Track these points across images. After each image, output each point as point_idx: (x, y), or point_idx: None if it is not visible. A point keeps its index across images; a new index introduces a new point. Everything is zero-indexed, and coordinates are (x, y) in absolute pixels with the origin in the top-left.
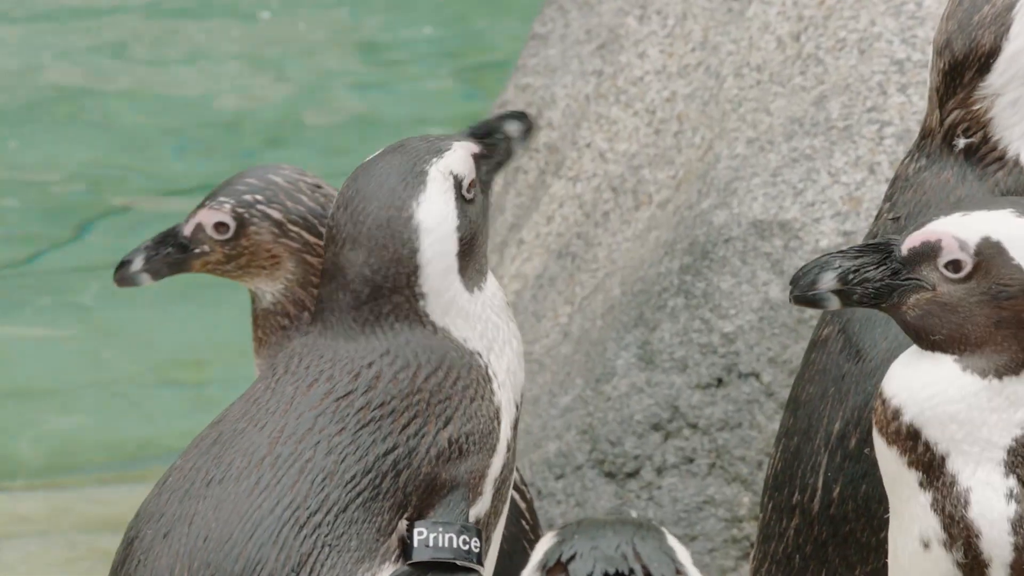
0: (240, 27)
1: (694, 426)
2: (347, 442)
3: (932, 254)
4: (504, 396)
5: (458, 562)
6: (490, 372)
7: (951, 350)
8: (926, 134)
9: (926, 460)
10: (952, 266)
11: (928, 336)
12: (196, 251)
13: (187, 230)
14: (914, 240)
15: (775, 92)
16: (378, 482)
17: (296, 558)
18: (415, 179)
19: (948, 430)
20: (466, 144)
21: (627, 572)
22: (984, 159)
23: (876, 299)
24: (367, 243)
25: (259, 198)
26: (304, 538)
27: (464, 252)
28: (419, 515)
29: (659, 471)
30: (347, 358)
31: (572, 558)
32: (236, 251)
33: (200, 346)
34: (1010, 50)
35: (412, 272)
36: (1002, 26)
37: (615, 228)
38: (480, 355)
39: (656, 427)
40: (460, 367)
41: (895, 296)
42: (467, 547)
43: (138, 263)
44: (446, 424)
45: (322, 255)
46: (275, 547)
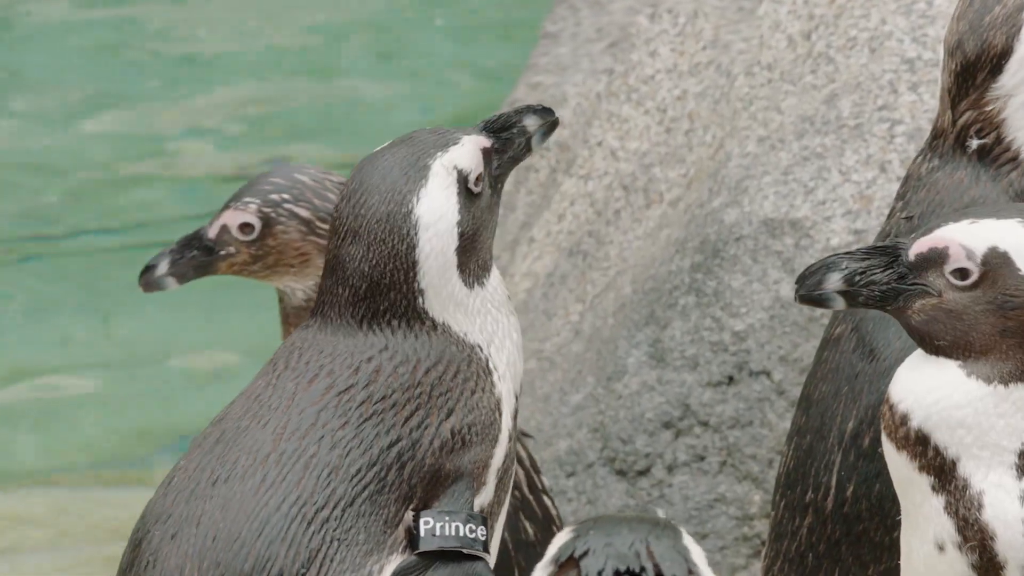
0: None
1: (705, 424)
2: (350, 436)
3: (939, 261)
4: (504, 388)
5: (465, 550)
6: (490, 365)
7: (955, 356)
8: (938, 134)
9: (937, 464)
10: (959, 274)
11: (933, 341)
12: (222, 253)
13: (212, 232)
14: (922, 246)
15: (786, 91)
16: (383, 475)
17: (305, 554)
18: (417, 173)
19: (957, 434)
20: (476, 138)
21: (639, 570)
22: (997, 160)
23: (881, 302)
24: (367, 237)
25: (286, 197)
26: (312, 534)
27: (465, 248)
28: (425, 506)
29: (670, 469)
30: (347, 353)
31: (585, 554)
32: (263, 251)
33: (213, 341)
34: (1022, 51)
35: (410, 268)
36: (1013, 27)
37: (626, 226)
38: (481, 348)
39: (667, 425)
40: (460, 361)
41: (901, 300)
42: (473, 535)
43: (163, 267)
44: (448, 415)
45: None
46: (284, 544)
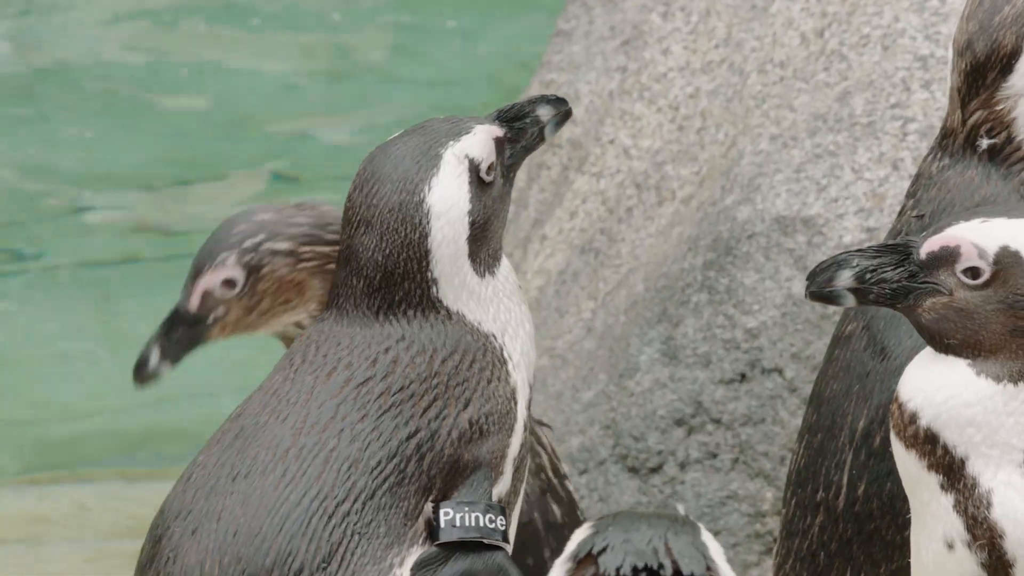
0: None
1: (717, 421)
2: (370, 429)
3: (950, 259)
4: (519, 377)
5: (485, 540)
6: (505, 354)
7: (965, 354)
8: (947, 134)
9: (946, 463)
10: (970, 273)
11: (942, 340)
12: (210, 320)
13: (193, 304)
14: (933, 244)
15: (799, 88)
16: (403, 467)
17: (326, 548)
18: (429, 162)
19: (966, 433)
20: (488, 127)
21: (656, 567)
22: (1008, 159)
23: (892, 300)
24: (379, 227)
25: (260, 237)
26: (333, 527)
27: (476, 237)
28: (444, 497)
29: (682, 466)
30: (364, 344)
31: (604, 550)
32: (255, 298)
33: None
34: None
35: (423, 257)
36: (1023, 27)
37: (638, 224)
38: (495, 337)
39: (679, 422)
40: (475, 350)
41: (911, 298)
42: (493, 525)
43: (155, 358)
44: (466, 406)
45: (335, 253)
46: (305, 538)
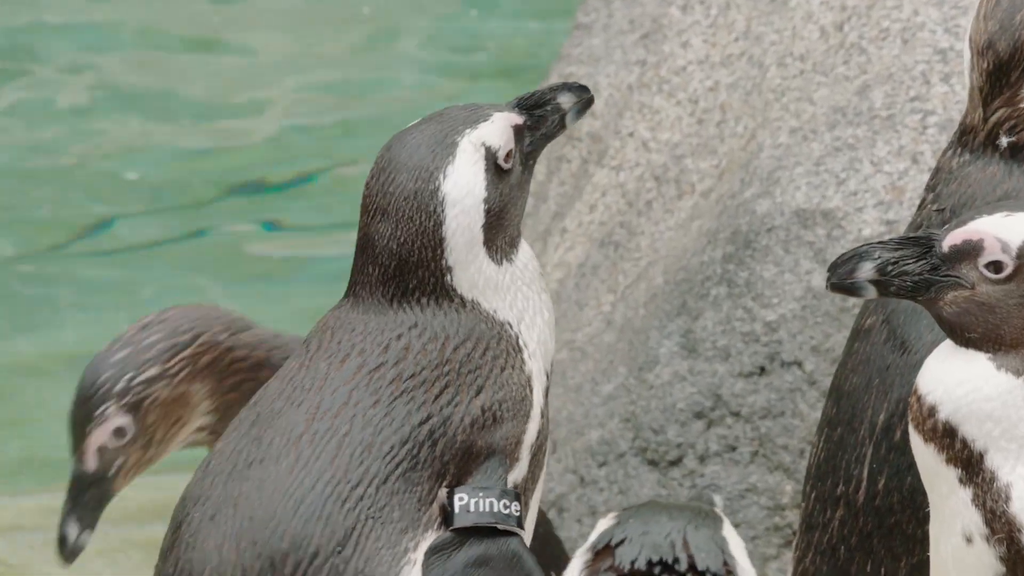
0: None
1: (737, 414)
2: (382, 414)
3: (973, 253)
4: (535, 365)
5: (500, 526)
6: (521, 342)
7: (986, 348)
8: (967, 130)
9: (964, 457)
10: (993, 267)
11: (963, 333)
12: (111, 473)
13: (91, 464)
14: (956, 237)
15: (818, 82)
16: (416, 452)
17: (341, 532)
18: (445, 150)
19: (985, 427)
20: (507, 115)
21: (672, 561)
22: None
23: (913, 292)
24: (395, 215)
25: (128, 376)
26: (347, 512)
27: (492, 224)
28: (458, 483)
29: (702, 459)
30: (377, 331)
31: (621, 542)
32: (148, 433)
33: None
34: None
35: (437, 245)
36: None
37: (658, 217)
38: (511, 325)
39: (699, 415)
40: (489, 338)
41: (933, 291)
42: (508, 511)
43: (73, 531)
44: (478, 393)
45: (204, 353)
46: (319, 522)
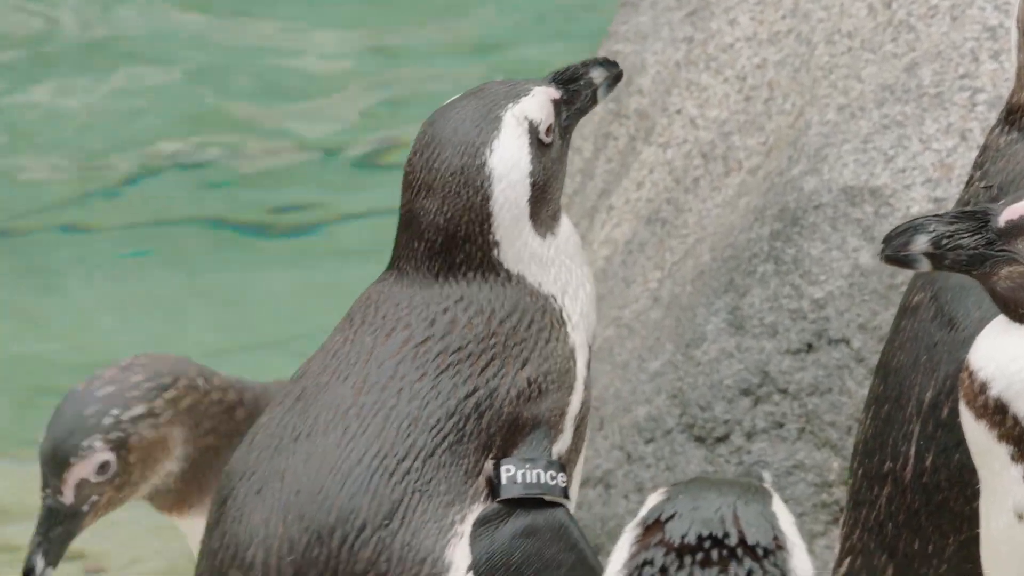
0: None
1: (784, 391)
2: (428, 387)
3: None
4: (578, 337)
5: (546, 497)
6: (564, 315)
7: None
8: (1014, 109)
9: (1016, 433)
10: None
11: (1017, 309)
12: (84, 509)
13: (68, 498)
14: (1013, 212)
15: (866, 59)
16: (462, 425)
17: (388, 505)
18: (489, 125)
19: None
20: (546, 89)
21: (722, 535)
22: None
23: (967, 266)
24: (441, 191)
25: (115, 412)
26: (394, 485)
27: (536, 198)
28: (504, 455)
29: (749, 436)
30: (423, 305)
31: (671, 518)
32: (127, 473)
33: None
34: None
35: (485, 220)
36: None
37: (705, 194)
38: (555, 298)
39: (746, 392)
40: (534, 311)
41: (987, 265)
42: (555, 482)
43: (40, 564)
44: (523, 365)
45: (185, 395)
46: (367, 496)
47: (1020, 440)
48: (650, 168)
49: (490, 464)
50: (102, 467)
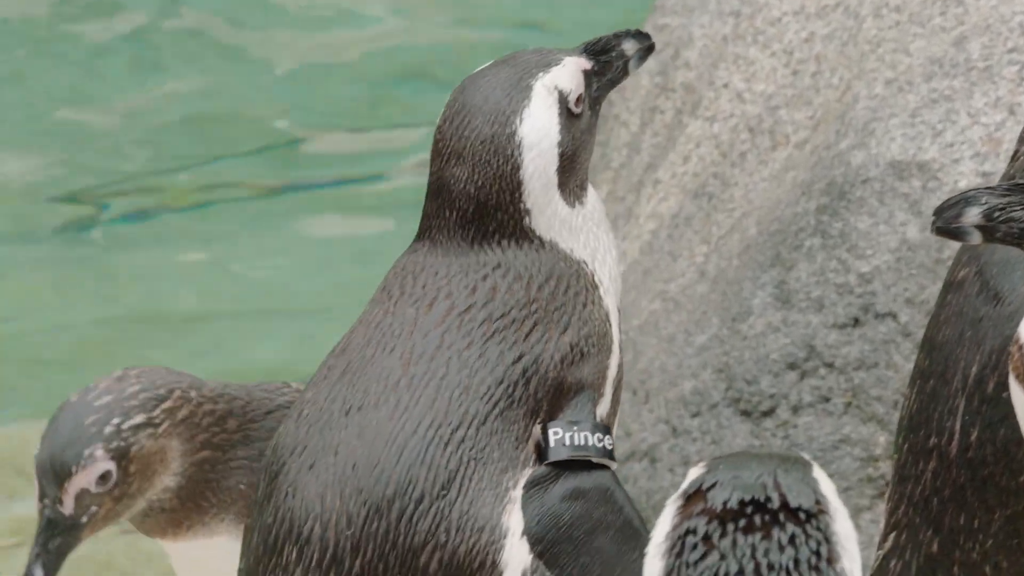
0: None
1: (830, 365)
2: (476, 355)
3: None
4: (610, 301)
5: (594, 459)
6: (596, 279)
7: None
8: None
9: None
10: None
11: None
12: (83, 521)
13: (67, 508)
14: None
15: (914, 33)
16: (511, 391)
17: (445, 475)
18: (520, 93)
19: None
20: (577, 60)
21: (764, 500)
22: None
23: (1019, 239)
24: (471, 159)
25: (117, 420)
26: (450, 455)
27: (565, 168)
28: (550, 419)
29: (795, 410)
30: (462, 273)
31: (712, 486)
32: (127, 484)
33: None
34: None
35: (516, 189)
36: None
37: (752, 168)
38: (586, 264)
39: (792, 366)
40: (569, 276)
41: None
42: (602, 444)
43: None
44: (565, 330)
45: (180, 406)
46: (424, 467)
47: None
48: (697, 142)
49: (538, 428)
50: (103, 477)
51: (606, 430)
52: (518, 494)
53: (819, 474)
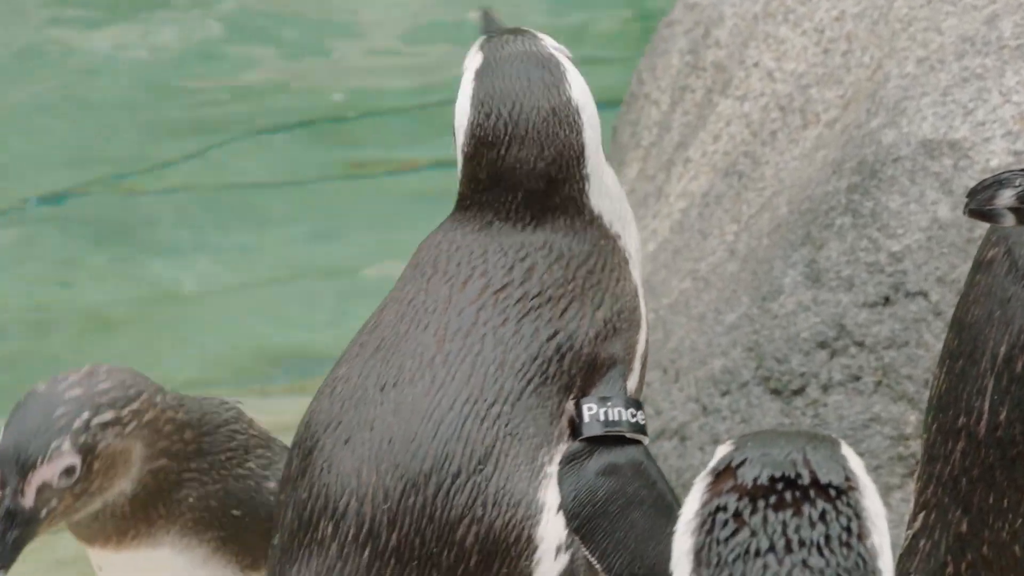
0: None
1: (860, 344)
2: (511, 332)
3: None
4: (636, 274)
5: (628, 434)
6: (626, 254)
7: None
8: None
9: None
10: None
11: None
12: (42, 515)
13: (28, 501)
14: None
15: (946, 11)
16: (545, 367)
17: (481, 451)
18: (552, 64)
19: None
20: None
21: (794, 476)
22: None
23: None
24: (537, 137)
25: (87, 415)
26: (486, 430)
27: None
28: (583, 395)
29: (825, 388)
30: (500, 252)
31: (742, 463)
32: (88, 481)
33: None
34: None
35: (580, 154)
36: None
37: (782, 147)
38: (620, 237)
39: (822, 345)
40: (607, 253)
41: None
42: (635, 419)
43: None
44: (599, 306)
45: (147, 409)
46: (460, 442)
47: None
48: (727, 121)
49: (571, 404)
50: (67, 471)
51: (638, 405)
52: (553, 470)
53: (848, 451)
